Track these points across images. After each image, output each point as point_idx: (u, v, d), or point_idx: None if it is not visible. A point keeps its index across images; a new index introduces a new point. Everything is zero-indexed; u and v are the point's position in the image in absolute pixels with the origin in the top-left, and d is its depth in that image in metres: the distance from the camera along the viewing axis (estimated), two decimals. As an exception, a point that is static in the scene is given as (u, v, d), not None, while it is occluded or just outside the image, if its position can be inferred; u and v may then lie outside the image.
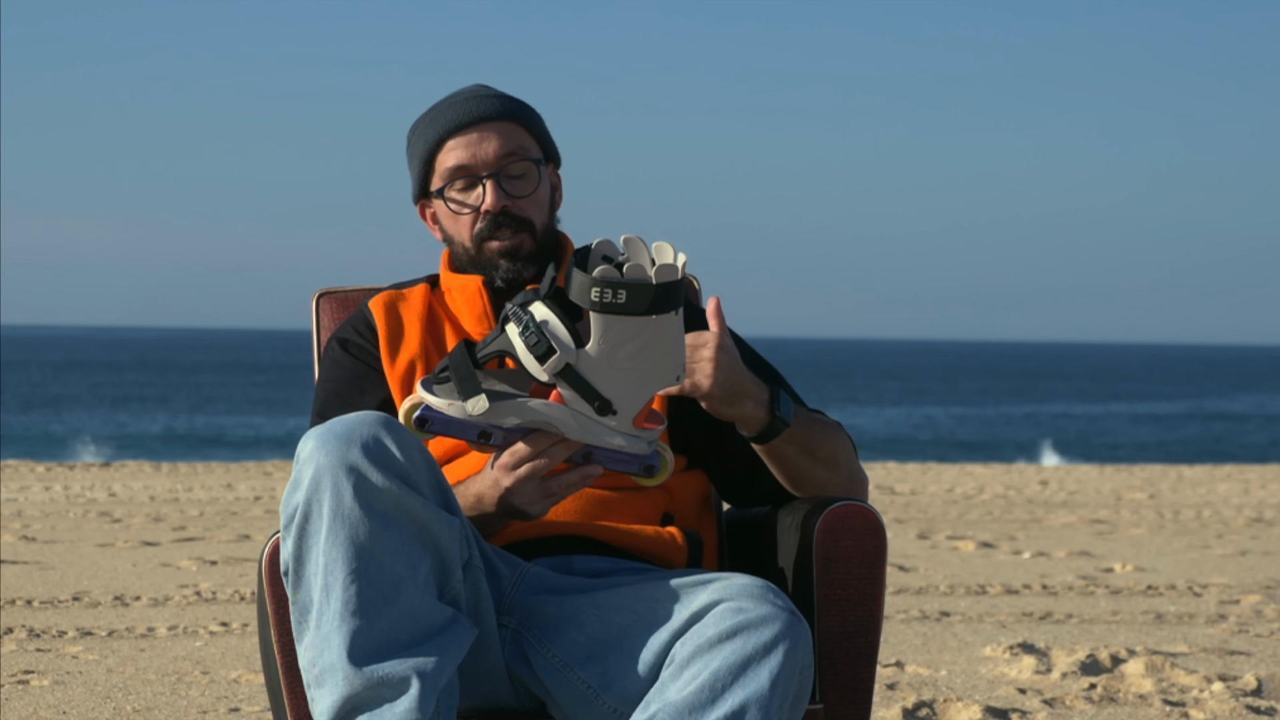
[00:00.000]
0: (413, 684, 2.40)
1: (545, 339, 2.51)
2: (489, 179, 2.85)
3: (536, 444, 2.58)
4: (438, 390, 2.57)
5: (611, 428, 2.56)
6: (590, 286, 2.47)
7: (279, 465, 15.04)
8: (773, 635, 2.44)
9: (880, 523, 2.73)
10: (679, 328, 2.53)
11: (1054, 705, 4.96)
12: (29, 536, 9.01)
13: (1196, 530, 10.38)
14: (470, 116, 2.86)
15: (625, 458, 2.62)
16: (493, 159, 2.85)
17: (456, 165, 2.86)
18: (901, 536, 9.59)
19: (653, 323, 2.50)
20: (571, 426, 2.56)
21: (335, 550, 2.43)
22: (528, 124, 2.90)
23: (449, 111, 2.88)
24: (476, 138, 2.85)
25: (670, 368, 2.55)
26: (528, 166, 2.87)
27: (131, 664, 5.46)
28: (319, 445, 2.45)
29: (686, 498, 2.90)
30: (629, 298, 2.47)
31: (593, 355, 2.51)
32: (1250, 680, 5.28)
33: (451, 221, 2.89)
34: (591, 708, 2.55)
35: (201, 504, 11.05)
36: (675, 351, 2.55)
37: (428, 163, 2.89)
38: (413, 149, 2.93)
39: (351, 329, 2.93)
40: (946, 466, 16.61)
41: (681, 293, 2.50)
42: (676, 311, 2.51)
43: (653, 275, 2.47)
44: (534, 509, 2.63)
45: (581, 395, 2.53)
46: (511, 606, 2.64)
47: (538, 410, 2.55)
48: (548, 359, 2.51)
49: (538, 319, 2.52)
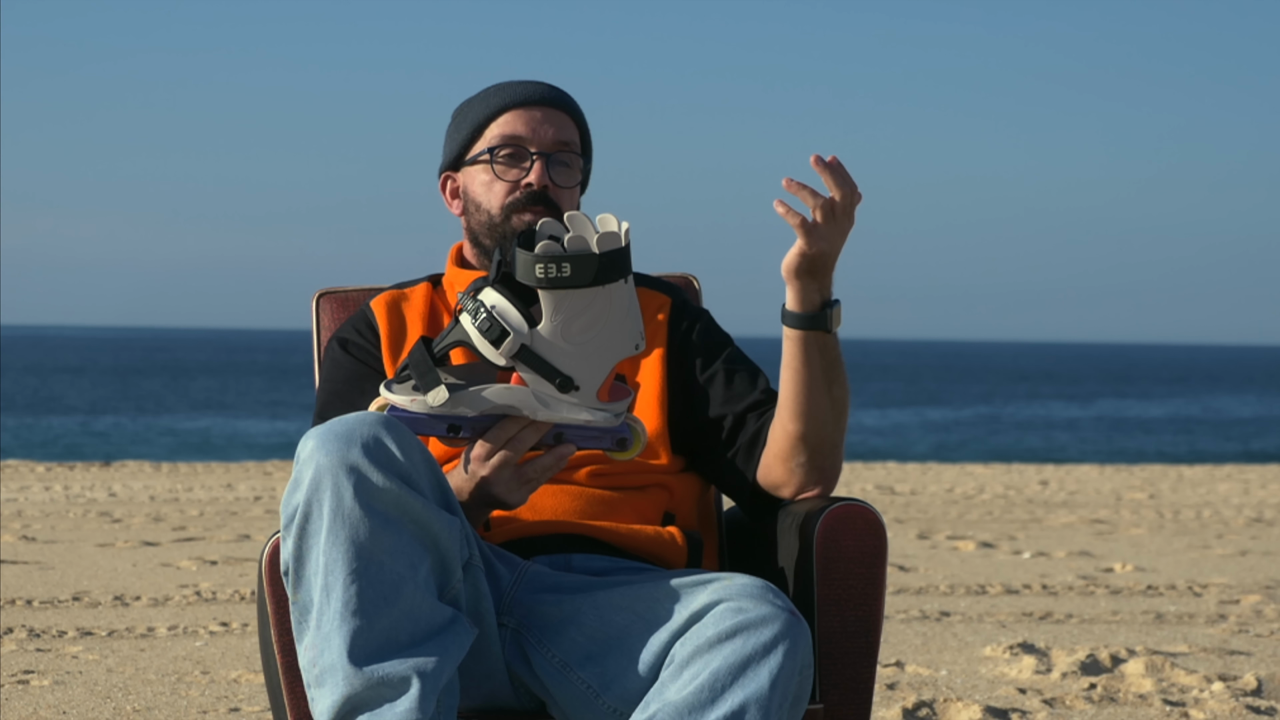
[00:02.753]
0: (413, 684, 2.40)
1: (497, 323, 2.51)
2: (540, 157, 2.87)
3: (505, 430, 2.58)
4: (398, 389, 2.57)
5: (576, 404, 2.55)
6: (534, 264, 2.47)
7: (279, 465, 15.04)
8: (772, 635, 2.44)
9: (880, 523, 2.73)
10: (631, 295, 2.53)
11: (1054, 705, 4.96)
12: (29, 536, 9.01)
13: (1196, 530, 10.38)
14: (537, 96, 2.90)
15: (596, 433, 2.61)
16: (549, 141, 2.88)
17: (512, 134, 2.88)
18: (901, 536, 9.59)
19: (603, 293, 2.50)
20: (536, 407, 2.55)
21: (335, 550, 2.43)
22: (581, 126, 2.94)
23: (515, 87, 2.91)
24: (541, 116, 2.89)
25: (627, 336, 2.55)
26: (574, 160, 2.91)
27: (131, 664, 5.46)
28: (319, 445, 2.45)
29: (687, 497, 2.90)
30: (574, 270, 2.47)
31: (546, 333, 2.51)
32: (1250, 680, 5.28)
33: (484, 188, 2.89)
34: (591, 708, 2.55)
35: (201, 504, 11.05)
36: (630, 319, 2.54)
37: (478, 129, 2.91)
38: (463, 117, 2.93)
39: (352, 329, 2.93)
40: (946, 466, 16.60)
41: (628, 260, 2.50)
42: (626, 279, 2.51)
43: (595, 245, 2.47)
44: (513, 497, 2.63)
45: (541, 375, 2.53)
46: (511, 606, 2.64)
47: (500, 395, 2.55)
48: (502, 342, 2.51)
49: (488, 305, 2.52)
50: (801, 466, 2.77)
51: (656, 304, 2.94)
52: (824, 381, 2.71)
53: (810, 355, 2.70)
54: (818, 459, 2.76)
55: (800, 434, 2.74)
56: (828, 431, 2.74)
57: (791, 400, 2.73)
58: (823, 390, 2.71)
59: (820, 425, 2.73)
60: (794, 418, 2.73)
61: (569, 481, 2.82)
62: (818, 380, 2.71)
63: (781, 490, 2.81)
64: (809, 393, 2.71)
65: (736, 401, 2.86)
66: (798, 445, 2.75)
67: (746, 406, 2.86)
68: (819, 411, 2.72)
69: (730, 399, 2.87)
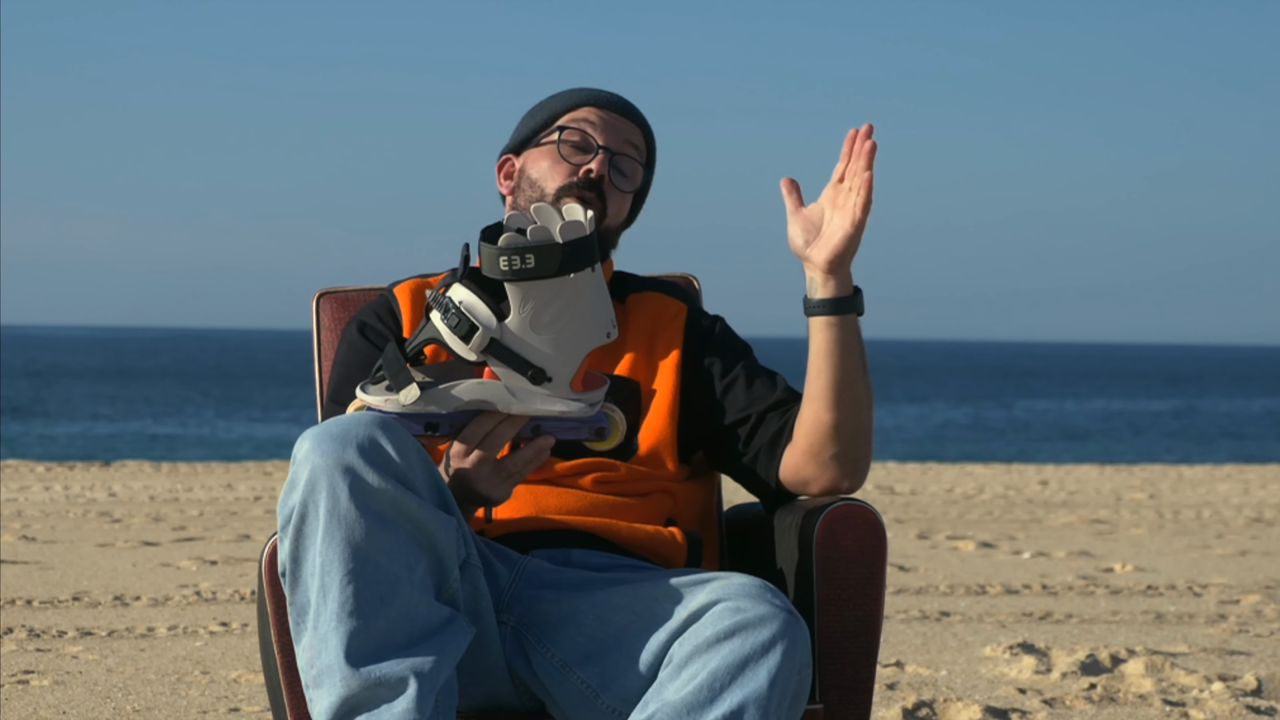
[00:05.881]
0: (410, 684, 2.40)
1: (465, 318, 2.51)
2: (604, 151, 2.91)
3: (482, 425, 2.57)
4: (373, 390, 2.57)
5: (550, 395, 2.55)
6: (498, 256, 2.47)
7: (279, 465, 15.04)
8: (770, 635, 2.44)
9: (880, 523, 2.73)
10: (599, 284, 2.53)
11: (1054, 705, 4.96)
12: (29, 536, 9.01)
13: (1196, 530, 10.38)
14: (618, 103, 2.97)
15: (573, 424, 2.60)
16: (618, 142, 2.93)
17: (586, 122, 2.92)
18: (901, 536, 9.59)
19: (570, 283, 2.49)
20: (509, 401, 2.55)
21: (332, 551, 2.43)
22: (650, 145, 3.00)
23: (599, 90, 2.98)
24: (616, 119, 2.95)
25: (597, 325, 2.54)
26: (636, 169, 2.96)
27: (131, 664, 5.46)
28: (314, 446, 2.45)
29: (691, 503, 2.90)
30: (538, 260, 2.46)
31: (515, 326, 2.50)
32: (1250, 680, 5.28)
33: (545, 167, 2.92)
34: (590, 707, 2.55)
35: (201, 504, 11.05)
36: (599, 308, 2.54)
37: (553, 118, 2.95)
38: (543, 106, 2.98)
39: (372, 313, 2.93)
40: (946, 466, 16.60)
41: (595, 249, 2.49)
42: (593, 268, 2.50)
43: (558, 234, 2.47)
44: (496, 492, 2.63)
45: (512, 368, 2.52)
46: (511, 603, 2.64)
47: (471, 391, 2.54)
48: (471, 337, 2.51)
49: (456, 301, 2.52)
50: (835, 459, 2.76)
51: (672, 311, 2.94)
52: (860, 367, 2.73)
53: (848, 340, 2.72)
54: (852, 449, 2.75)
55: (836, 422, 2.74)
56: (864, 419, 2.75)
57: (828, 388, 2.73)
58: (860, 375, 2.73)
59: (858, 411, 2.74)
60: (830, 407, 2.73)
61: (574, 486, 2.82)
62: (855, 365, 2.73)
63: (810, 486, 2.80)
64: (846, 378, 2.73)
65: (759, 402, 2.86)
66: (831, 436, 2.74)
67: (768, 406, 2.86)
68: (857, 397, 2.73)
69: (752, 400, 2.87)
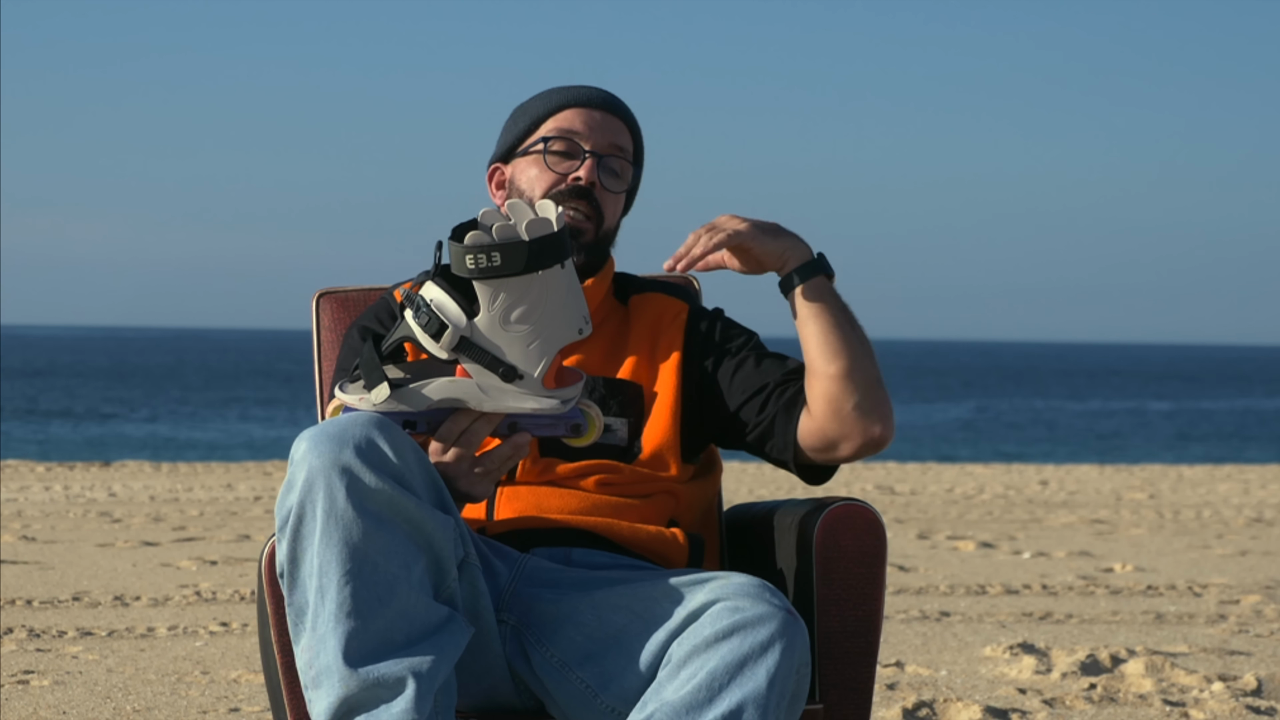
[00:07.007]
0: (409, 684, 2.40)
1: (436, 317, 2.51)
2: (591, 156, 2.87)
3: (458, 423, 2.57)
4: (350, 389, 2.57)
5: (522, 392, 2.55)
6: (465, 255, 2.47)
7: (279, 465, 15.04)
8: (769, 634, 2.44)
9: (880, 522, 2.73)
10: (570, 280, 2.52)
11: (1054, 705, 4.96)
12: (29, 536, 9.01)
13: (1196, 530, 10.38)
14: (600, 100, 2.91)
15: (549, 420, 2.60)
16: (605, 144, 2.88)
17: (569, 128, 2.88)
18: (901, 536, 9.59)
19: (538, 280, 2.49)
20: (481, 398, 2.55)
21: (329, 552, 2.43)
22: (635, 137, 2.95)
23: (577, 88, 2.92)
24: (600, 118, 2.89)
25: (569, 321, 2.54)
26: (626, 168, 2.91)
27: (131, 664, 5.45)
28: (311, 447, 2.45)
29: (693, 505, 2.89)
30: (504, 258, 2.46)
31: (484, 324, 2.50)
32: (1250, 680, 5.28)
33: (533, 176, 2.88)
34: (589, 707, 2.55)
35: (201, 504, 11.05)
36: (571, 305, 2.53)
37: (535, 123, 2.91)
38: (525, 110, 2.93)
39: (373, 316, 2.93)
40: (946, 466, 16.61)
41: (565, 245, 2.49)
42: (564, 265, 2.50)
43: (524, 232, 2.47)
44: (476, 490, 2.62)
45: (483, 366, 2.52)
46: (510, 602, 2.63)
47: (443, 389, 2.54)
48: (442, 335, 2.51)
49: (427, 299, 2.52)
50: (857, 408, 2.73)
51: (674, 311, 2.93)
52: (846, 320, 2.74)
53: (823, 298, 2.73)
54: (870, 397, 2.73)
55: (842, 370, 2.72)
56: (866, 364, 2.73)
57: (821, 342, 2.73)
58: (848, 326, 2.73)
59: (857, 357, 2.72)
60: (830, 358, 2.72)
61: (576, 487, 2.81)
62: (839, 318, 2.73)
63: (842, 447, 2.76)
64: (835, 329, 2.73)
65: (768, 375, 2.84)
66: (844, 386, 2.72)
67: (783, 375, 2.84)
68: (851, 344, 2.73)
69: (764, 375, 2.84)
